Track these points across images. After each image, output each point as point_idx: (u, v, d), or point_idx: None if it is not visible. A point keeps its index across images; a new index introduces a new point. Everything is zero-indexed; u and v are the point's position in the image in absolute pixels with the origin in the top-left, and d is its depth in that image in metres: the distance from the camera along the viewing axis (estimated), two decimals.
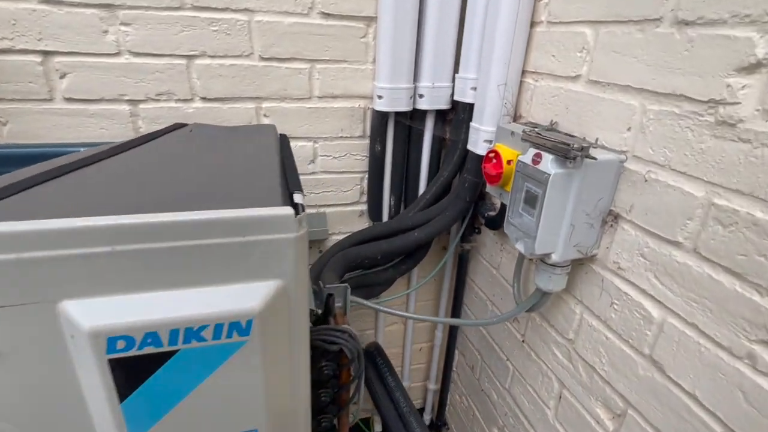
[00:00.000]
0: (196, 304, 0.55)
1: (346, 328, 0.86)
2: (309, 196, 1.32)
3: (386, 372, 1.20)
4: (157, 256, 0.52)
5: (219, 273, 0.56)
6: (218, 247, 0.55)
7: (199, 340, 0.55)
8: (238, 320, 0.56)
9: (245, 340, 0.57)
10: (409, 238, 1.24)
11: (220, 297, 0.56)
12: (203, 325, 0.55)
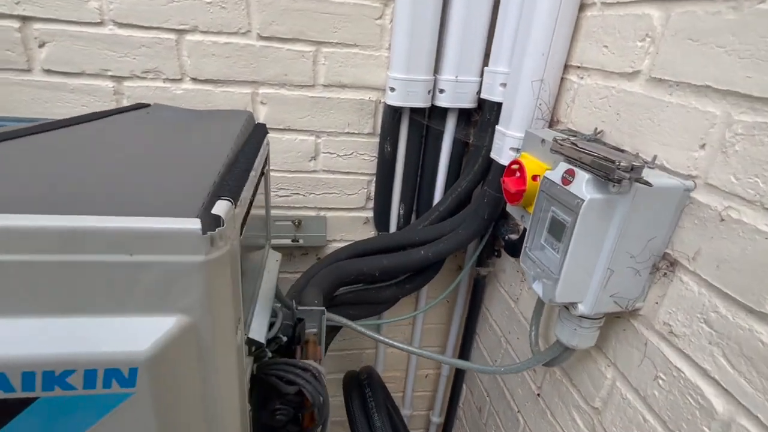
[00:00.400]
0: (59, 340, 0.41)
1: (311, 365, 0.70)
2: (308, 197, 1.18)
3: (373, 408, 1.04)
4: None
5: (94, 301, 0.42)
6: (94, 267, 0.40)
7: (64, 388, 0.41)
8: (117, 367, 0.41)
9: (130, 393, 0.43)
10: (414, 255, 1.07)
11: (93, 333, 0.41)
12: (68, 369, 0.40)
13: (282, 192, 1.16)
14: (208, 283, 0.43)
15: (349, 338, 1.43)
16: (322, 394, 0.69)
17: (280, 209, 1.18)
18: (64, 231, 0.38)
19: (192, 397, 0.47)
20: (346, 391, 1.12)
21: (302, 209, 1.19)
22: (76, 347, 0.40)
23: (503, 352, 1.12)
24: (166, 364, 0.43)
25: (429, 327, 1.45)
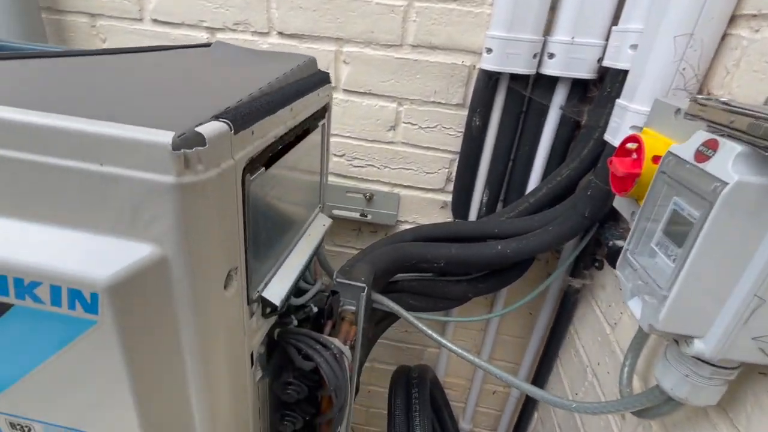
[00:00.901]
0: (28, 246, 0.37)
1: (333, 343, 0.61)
2: (382, 171, 1.09)
3: (417, 411, 0.92)
4: None
5: (65, 211, 0.38)
6: (64, 173, 0.36)
7: (35, 300, 0.38)
8: (78, 288, 0.37)
9: (94, 320, 0.38)
10: (488, 249, 0.91)
11: (61, 246, 0.37)
12: (35, 281, 0.37)
13: (356, 162, 1.09)
14: (182, 212, 0.36)
15: (413, 331, 1.32)
16: (339, 377, 0.59)
17: (352, 180, 1.11)
18: (30, 128, 0.35)
19: (164, 344, 0.41)
20: (392, 386, 1.02)
21: (375, 183, 1.11)
22: (40, 258, 0.36)
23: (587, 386, 0.90)
24: (130, 297, 0.37)
25: (504, 338, 1.27)
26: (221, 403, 0.49)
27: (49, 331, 0.40)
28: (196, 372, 0.44)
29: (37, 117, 0.34)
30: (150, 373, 0.42)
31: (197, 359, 0.43)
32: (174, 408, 0.45)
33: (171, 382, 0.44)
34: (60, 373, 0.42)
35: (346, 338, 0.68)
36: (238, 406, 0.53)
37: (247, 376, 0.54)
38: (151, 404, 0.44)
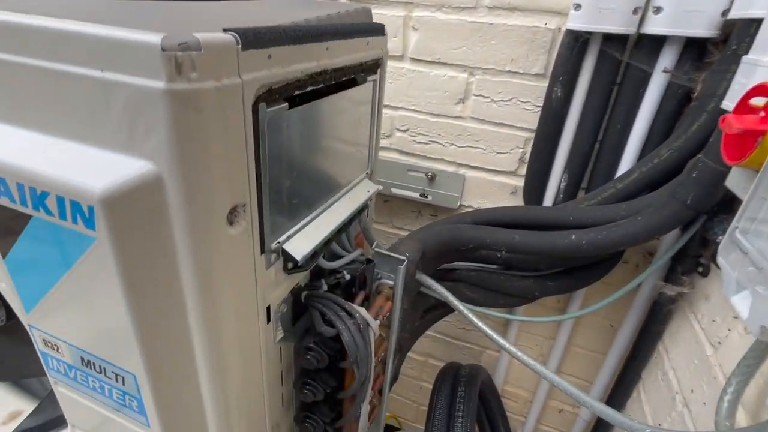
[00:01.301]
0: (36, 154, 0.37)
1: (360, 313, 0.56)
2: (447, 149, 1.01)
3: (459, 413, 0.82)
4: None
5: (69, 120, 0.37)
6: (69, 79, 0.35)
7: (47, 212, 0.39)
8: (77, 201, 0.36)
9: (93, 236, 0.37)
10: (559, 239, 0.78)
11: (65, 158, 0.37)
12: (45, 191, 0.37)
13: (420, 138, 1.02)
14: (175, 123, 0.33)
15: (471, 329, 1.22)
16: (361, 348, 0.54)
17: (414, 157, 1.05)
18: (30, 29, 0.34)
19: (162, 272, 0.39)
20: (437, 382, 0.93)
21: (439, 162, 1.03)
22: (47, 168, 0.36)
23: (674, 416, 0.73)
24: (125, 214, 0.35)
25: (576, 351, 1.11)
26: (228, 353, 0.46)
27: (61, 246, 0.40)
28: (197, 311, 0.41)
29: (38, 20, 0.34)
30: (149, 302, 0.40)
31: (197, 295, 0.40)
32: (176, 349, 0.44)
33: (172, 318, 0.42)
34: (73, 291, 0.43)
35: (378, 313, 0.62)
36: (249, 361, 0.50)
37: (260, 330, 0.50)
38: (153, 339, 0.42)
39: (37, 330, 0.50)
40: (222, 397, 0.48)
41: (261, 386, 0.54)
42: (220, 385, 0.47)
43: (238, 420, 0.52)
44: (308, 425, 0.64)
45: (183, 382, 0.46)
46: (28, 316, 0.49)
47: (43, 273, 0.44)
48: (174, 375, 0.45)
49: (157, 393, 0.46)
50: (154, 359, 0.43)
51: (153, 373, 0.44)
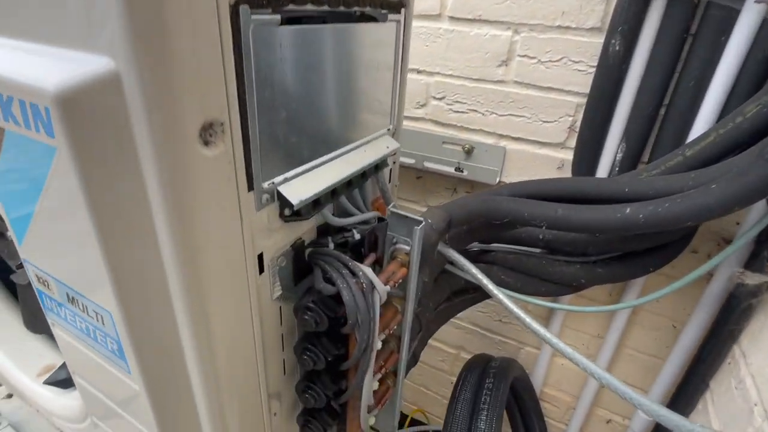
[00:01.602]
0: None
1: (365, 273, 0.50)
2: (487, 118, 0.91)
3: (484, 407, 0.73)
4: None
5: (26, 19, 0.34)
6: None
7: (15, 122, 0.36)
8: (35, 103, 0.33)
9: (54, 146, 0.34)
10: (609, 212, 0.67)
11: (24, 58, 0.34)
12: (9, 96, 0.35)
13: (457, 106, 0.94)
14: (130, 12, 0.28)
15: (509, 321, 1.11)
16: (362, 310, 0.47)
17: (450, 128, 0.97)
18: None
19: (128, 191, 0.35)
20: (464, 371, 0.85)
21: (478, 133, 0.94)
22: (8, 68, 0.33)
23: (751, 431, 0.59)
24: (82, 116, 0.32)
25: (629, 354, 0.97)
26: (208, 296, 0.41)
27: (33, 162, 0.37)
28: (169, 241, 0.37)
29: None
30: (116, 227, 0.36)
31: (167, 223, 0.36)
32: (151, 286, 0.40)
33: (143, 248, 0.38)
34: (49, 215, 0.40)
35: (389, 279, 0.55)
36: (236, 311, 0.46)
37: (251, 279, 0.45)
38: (123, 271, 0.39)
39: (30, 265, 0.49)
40: (205, 349, 0.44)
41: (252, 343, 0.49)
42: (201, 333, 0.43)
43: (228, 381, 0.48)
44: (309, 396, 0.58)
45: (160, 326, 0.42)
46: (21, 248, 0.48)
47: (24, 196, 0.42)
48: (150, 317, 0.42)
49: (134, 336, 0.42)
50: (126, 295, 0.40)
51: (126, 311, 0.40)
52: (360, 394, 0.56)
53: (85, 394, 0.60)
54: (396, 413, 0.75)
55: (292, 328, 0.58)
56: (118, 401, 0.53)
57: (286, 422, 0.64)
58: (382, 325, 0.58)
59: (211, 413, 0.48)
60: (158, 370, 0.45)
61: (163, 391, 0.47)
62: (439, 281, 0.81)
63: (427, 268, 0.69)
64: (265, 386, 0.55)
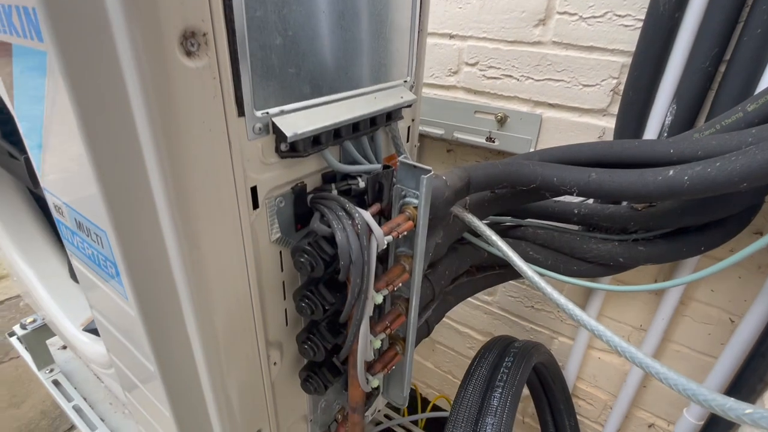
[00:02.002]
0: None
1: (361, 215, 0.47)
2: (522, 84, 0.86)
3: (500, 384, 0.68)
4: None
5: None
6: None
7: (17, 34, 0.38)
8: (26, 5, 0.34)
9: (44, 51, 0.35)
10: (650, 176, 0.59)
11: None
12: (9, 4, 0.36)
13: (491, 72, 0.89)
14: None
15: (542, 308, 1.04)
16: (354, 250, 0.45)
17: (483, 96, 0.92)
18: None
19: (111, 96, 0.36)
20: (481, 350, 0.80)
21: (512, 100, 0.88)
22: None
23: None
24: (63, 17, 0.32)
25: (675, 349, 0.87)
26: (195, 219, 0.41)
27: (33, 71, 0.39)
28: (153, 155, 0.37)
29: None
30: (106, 138, 0.37)
31: (151, 134, 0.36)
32: (140, 205, 0.40)
33: (131, 162, 0.38)
34: (53, 131, 0.42)
35: (392, 230, 0.52)
36: (227, 244, 0.45)
37: (242, 211, 0.45)
38: (114, 186, 0.39)
39: (49, 194, 0.52)
40: (195, 276, 0.43)
41: (246, 280, 0.49)
42: (191, 259, 0.42)
43: (223, 316, 0.47)
44: (307, 347, 0.57)
45: (151, 248, 0.42)
46: (41, 178, 0.51)
47: (33, 114, 0.44)
48: (141, 237, 0.42)
49: (126, 256, 0.43)
50: (117, 212, 0.40)
51: (118, 228, 0.41)
52: (357, 348, 0.54)
53: (101, 328, 0.63)
54: (405, 384, 0.71)
55: (294, 277, 0.57)
56: (123, 330, 0.55)
57: (288, 375, 0.63)
58: (385, 281, 0.55)
59: (205, 346, 0.48)
60: (152, 296, 0.46)
61: (157, 319, 0.47)
62: (459, 251, 0.77)
63: (441, 230, 0.66)
64: (263, 331, 0.54)
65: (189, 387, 0.52)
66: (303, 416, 0.71)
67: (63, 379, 1.28)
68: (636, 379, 0.92)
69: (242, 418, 0.56)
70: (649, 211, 0.74)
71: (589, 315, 0.94)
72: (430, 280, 0.69)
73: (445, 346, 1.30)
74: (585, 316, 0.54)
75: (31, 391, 1.65)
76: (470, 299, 1.17)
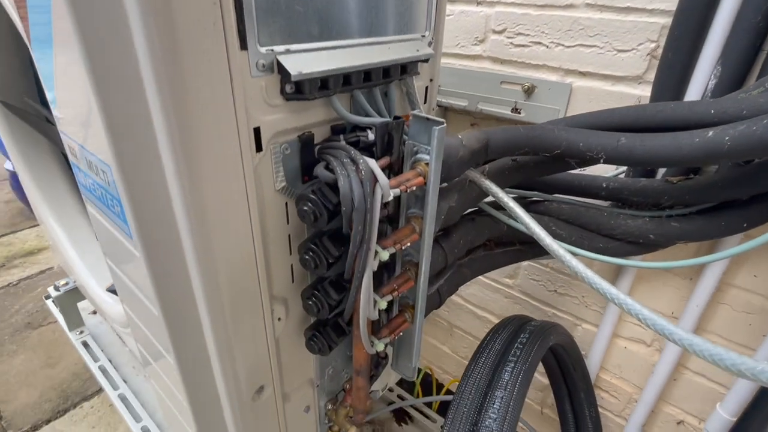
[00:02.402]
0: None
1: (368, 163, 0.46)
2: (552, 51, 0.81)
3: (513, 358, 0.64)
4: None
5: None
6: None
7: None
8: None
9: None
10: (685, 138, 0.54)
11: None
12: None
13: (519, 39, 0.84)
14: None
15: (564, 292, 0.99)
16: (356, 195, 0.44)
17: (510, 65, 0.88)
18: None
19: (112, 29, 0.35)
20: (494, 327, 0.76)
21: (541, 69, 0.84)
22: None
23: None
24: None
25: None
26: (196, 159, 0.40)
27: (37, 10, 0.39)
28: (152, 86, 0.36)
29: None
30: (109, 72, 0.37)
31: (150, 64, 0.35)
32: (141, 135, 0.40)
33: (132, 93, 0.37)
34: (62, 70, 0.42)
35: (400, 183, 0.50)
36: (228, 186, 0.44)
37: (244, 152, 0.44)
38: (116, 117, 0.39)
39: (64, 136, 0.53)
40: (196, 216, 0.43)
41: (249, 227, 0.48)
42: (192, 198, 0.42)
43: (224, 263, 0.47)
44: (312, 303, 0.56)
45: (153, 184, 0.42)
46: (58, 121, 0.52)
47: (45, 52, 0.44)
48: (143, 171, 0.42)
49: (128, 188, 0.43)
50: (119, 144, 0.40)
51: (120, 162, 0.41)
52: (359, 305, 0.52)
53: (113, 276, 0.64)
54: (414, 355, 0.69)
55: (300, 231, 0.56)
56: (129, 274, 0.56)
57: (294, 334, 0.62)
58: (393, 239, 0.53)
59: (207, 291, 0.47)
60: (155, 235, 0.46)
61: (159, 259, 0.47)
62: (476, 222, 0.74)
63: (455, 193, 0.63)
64: (266, 284, 0.54)
65: (192, 333, 0.51)
66: (309, 380, 0.71)
67: (91, 341, 1.34)
68: (665, 370, 0.86)
69: (245, 371, 0.56)
70: (686, 184, 0.68)
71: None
72: (443, 247, 0.66)
73: (462, 330, 1.27)
74: (607, 286, 0.50)
75: (66, 353, 1.74)
76: (490, 282, 1.13)
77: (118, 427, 1.47)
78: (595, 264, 0.91)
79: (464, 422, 0.60)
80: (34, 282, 2.17)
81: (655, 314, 0.46)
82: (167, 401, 0.74)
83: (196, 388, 0.59)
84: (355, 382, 0.64)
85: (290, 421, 0.69)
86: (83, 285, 1.12)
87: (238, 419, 0.59)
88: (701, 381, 0.84)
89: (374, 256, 0.51)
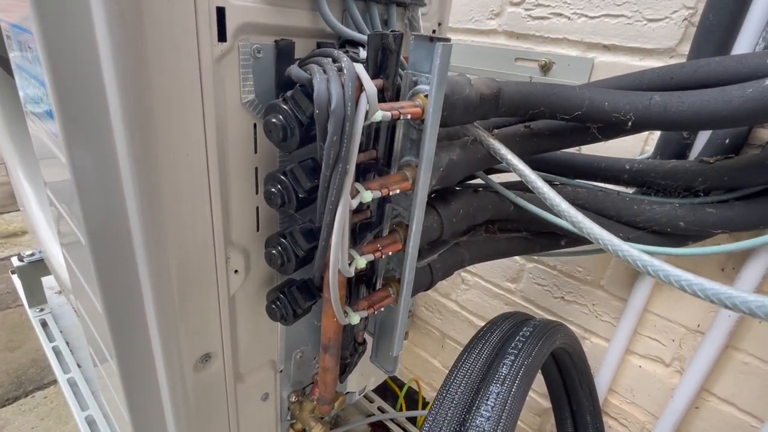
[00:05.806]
0: None
1: (353, 65, 0.37)
2: (574, 23, 0.74)
3: (513, 351, 0.53)
4: None
5: None
6: None
7: None
8: None
9: None
10: (734, 93, 0.46)
11: None
12: None
13: (538, 11, 0.78)
14: None
15: (572, 299, 0.88)
16: (334, 95, 0.35)
17: (527, 40, 0.81)
18: None
19: None
20: (492, 320, 0.66)
21: (560, 44, 0.77)
22: None
23: None
24: None
25: (745, 362, 0.69)
26: (141, 35, 0.32)
27: None
28: None
29: None
30: None
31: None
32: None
33: None
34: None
35: (392, 107, 0.41)
36: (177, 75, 0.36)
37: (201, 34, 0.36)
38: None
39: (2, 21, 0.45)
40: (134, 105, 0.34)
41: (202, 139, 0.39)
42: (129, 76, 0.33)
43: (169, 175, 0.38)
44: (276, 252, 0.46)
45: (79, 46, 0.34)
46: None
47: None
48: (68, 37, 0.34)
49: (50, 56, 0.34)
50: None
51: (42, 23, 0.33)
52: (330, 254, 0.43)
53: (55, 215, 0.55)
54: (396, 341, 0.59)
55: (270, 164, 0.47)
56: (61, 198, 0.47)
57: (255, 295, 0.52)
58: (380, 183, 0.44)
59: (145, 221, 0.38)
60: (83, 137, 0.37)
61: (86, 171, 0.38)
62: (479, 194, 0.65)
63: (458, 147, 0.54)
64: (222, 224, 0.44)
65: (123, 265, 0.42)
66: (271, 361, 0.60)
67: (51, 321, 1.23)
68: (687, 396, 0.74)
69: (186, 328, 0.46)
70: (724, 163, 0.59)
71: (632, 307, 0.78)
72: (439, 213, 0.57)
73: (456, 342, 1.15)
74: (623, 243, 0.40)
75: (28, 339, 1.62)
76: (490, 286, 1.03)
77: (69, 421, 1.33)
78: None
79: (450, 420, 0.48)
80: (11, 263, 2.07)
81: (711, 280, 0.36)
82: (100, 368, 0.63)
83: (127, 345, 0.49)
84: (321, 362, 0.53)
85: (242, 407, 0.58)
86: (46, 251, 1.03)
87: (177, 392, 0.49)
88: (729, 410, 0.72)
89: (354, 193, 0.42)
